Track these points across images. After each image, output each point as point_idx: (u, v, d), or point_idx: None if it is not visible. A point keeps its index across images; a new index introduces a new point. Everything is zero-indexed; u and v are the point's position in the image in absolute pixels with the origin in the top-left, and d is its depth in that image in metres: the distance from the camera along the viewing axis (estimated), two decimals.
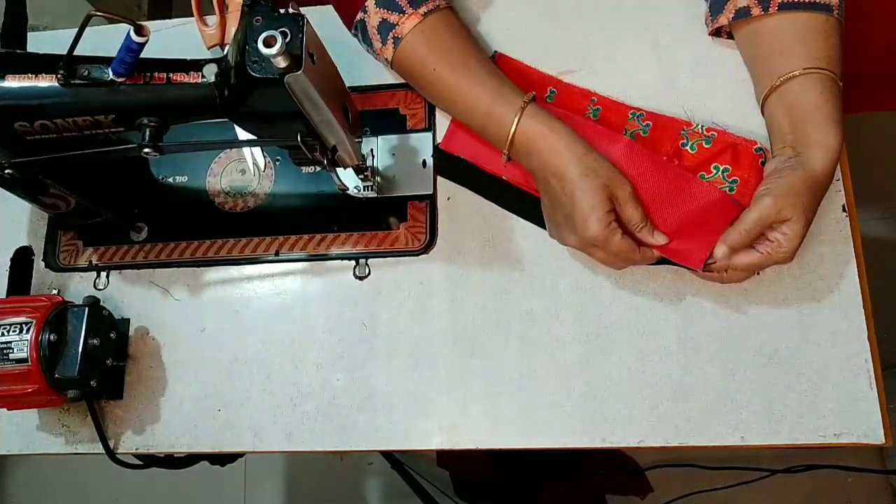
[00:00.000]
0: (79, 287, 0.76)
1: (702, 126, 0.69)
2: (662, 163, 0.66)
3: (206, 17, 0.75)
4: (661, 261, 0.65)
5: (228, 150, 0.78)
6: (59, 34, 0.86)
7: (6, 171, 0.62)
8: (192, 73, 0.58)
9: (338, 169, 0.67)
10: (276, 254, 0.73)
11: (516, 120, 0.63)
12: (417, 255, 0.71)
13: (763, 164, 0.66)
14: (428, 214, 0.73)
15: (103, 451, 0.70)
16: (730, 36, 0.70)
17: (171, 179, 0.79)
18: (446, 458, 1.49)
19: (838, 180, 0.67)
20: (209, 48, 0.76)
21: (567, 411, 0.65)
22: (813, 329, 0.64)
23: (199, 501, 1.63)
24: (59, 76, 0.57)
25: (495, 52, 0.75)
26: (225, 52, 0.59)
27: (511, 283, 0.69)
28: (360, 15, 0.68)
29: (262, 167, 0.76)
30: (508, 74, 0.69)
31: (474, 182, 0.72)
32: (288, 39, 0.51)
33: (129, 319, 0.74)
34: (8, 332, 0.64)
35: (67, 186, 0.69)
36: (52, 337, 0.64)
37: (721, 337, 0.65)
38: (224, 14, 0.75)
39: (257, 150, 0.77)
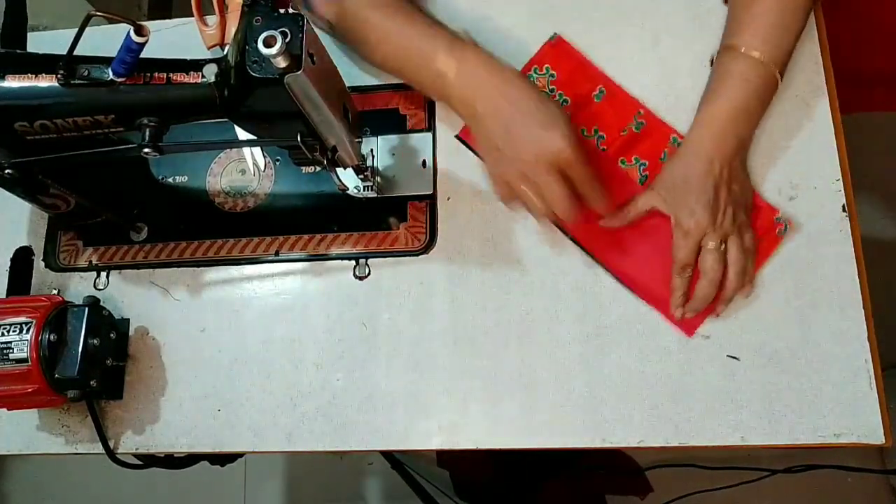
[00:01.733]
0: (79, 287, 0.76)
1: None
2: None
3: (206, 17, 0.75)
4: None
5: (228, 150, 0.78)
6: (59, 34, 0.86)
7: (6, 171, 0.62)
8: (192, 73, 0.58)
9: (338, 169, 0.67)
10: (276, 254, 0.73)
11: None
12: (417, 255, 0.71)
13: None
14: (428, 214, 0.72)
15: (103, 452, 0.70)
16: None
17: (171, 179, 0.79)
18: (446, 458, 1.49)
19: (838, 180, 0.67)
20: (209, 48, 0.76)
21: (567, 411, 0.65)
22: (813, 329, 0.64)
23: (199, 501, 1.63)
24: (59, 76, 0.57)
25: (555, 34, 0.74)
26: (225, 52, 0.59)
27: (511, 283, 0.69)
28: None
29: (262, 167, 0.76)
30: (563, 60, 0.69)
31: None
32: (288, 39, 0.51)
33: (129, 319, 0.74)
34: (8, 332, 0.64)
35: (67, 186, 0.69)
36: (52, 337, 0.64)
37: (721, 337, 0.65)
38: (224, 14, 0.75)
39: (257, 150, 0.77)
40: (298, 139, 0.59)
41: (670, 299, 0.66)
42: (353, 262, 0.72)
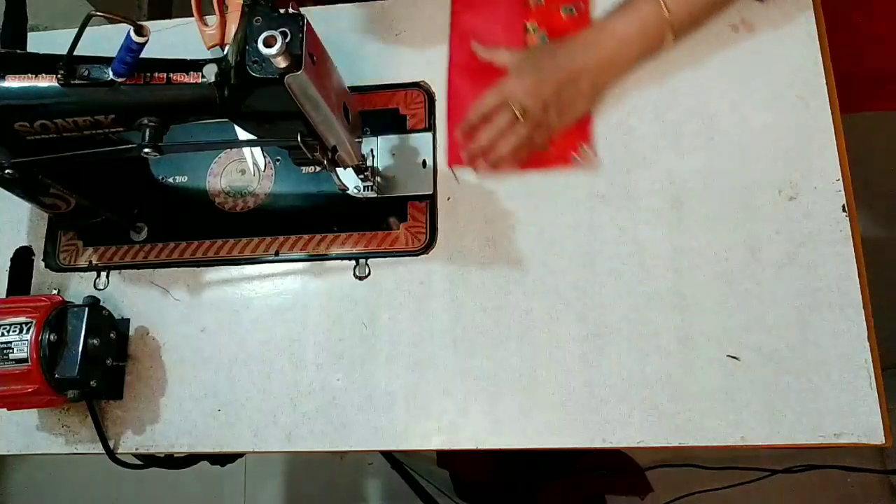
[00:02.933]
0: (79, 287, 0.76)
1: None
2: None
3: (206, 17, 0.75)
4: (659, 259, 0.65)
5: (228, 150, 0.78)
6: (59, 34, 0.86)
7: (6, 172, 0.62)
8: (192, 73, 0.58)
9: (338, 169, 0.68)
10: (276, 254, 0.73)
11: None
12: (417, 255, 0.71)
13: None
14: (428, 214, 0.73)
15: (103, 452, 0.70)
16: None
17: (171, 179, 0.79)
18: (446, 458, 1.49)
19: (838, 180, 0.67)
20: (209, 48, 0.76)
21: (567, 411, 0.65)
22: (813, 329, 0.64)
23: (199, 501, 1.63)
24: (59, 76, 0.57)
25: None
26: (225, 52, 0.59)
27: (511, 283, 0.69)
28: None
29: (262, 167, 0.76)
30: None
31: None
32: (288, 39, 0.51)
33: (129, 319, 0.74)
34: (8, 332, 0.64)
35: (67, 186, 0.69)
36: (52, 337, 0.64)
37: (721, 337, 0.65)
38: (224, 14, 0.75)
39: (257, 150, 0.77)
40: (298, 139, 0.59)
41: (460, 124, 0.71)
42: (353, 262, 0.72)
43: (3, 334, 0.64)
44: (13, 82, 0.58)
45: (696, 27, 0.71)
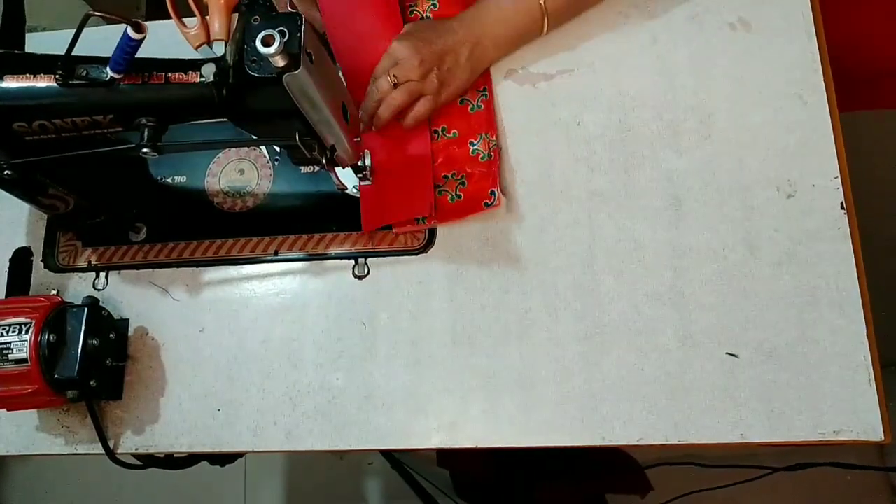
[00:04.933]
0: (78, 287, 0.76)
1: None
2: None
3: (185, 18, 0.76)
4: (658, 257, 0.65)
5: (227, 149, 0.78)
6: (58, 35, 0.87)
7: (5, 172, 0.62)
8: (190, 72, 0.58)
9: (336, 168, 0.68)
10: (275, 253, 0.73)
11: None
12: (416, 254, 0.71)
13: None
14: None
15: (103, 452, 0.70)
16: None
17: (169, 179, 0.79)
18: (446, 458, 1.49)
19: (837, 178, 0.67)
20: (196, 48, 0.76)
21: (566, 410, 0.65)
22: (812, 327, 0.64)
23: (199, 501, 1.63)
24: (57, 76, 0.57)
25: None
26: (214, 50, 0.59)
27: (510, 283, 0.69)
28: None
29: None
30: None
31: None
32: (286, 38, 0.51)
33: (128, 320, 0.74)
34: (7, 332, 0.64)
35: (66, 187, 0.69)
36: (51, 337, 0.64)
37: (720, 335, 0.65)
38: (202, 13, 0.76)
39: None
40: (297, 138, 0.59)
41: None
42: (352, 262, 0.72)
43: (2, 335, 0.64)
44: (11, 83, 0.58)
45: (572, 16, 0.74)
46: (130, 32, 0.53)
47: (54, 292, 0.74)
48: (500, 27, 0.72)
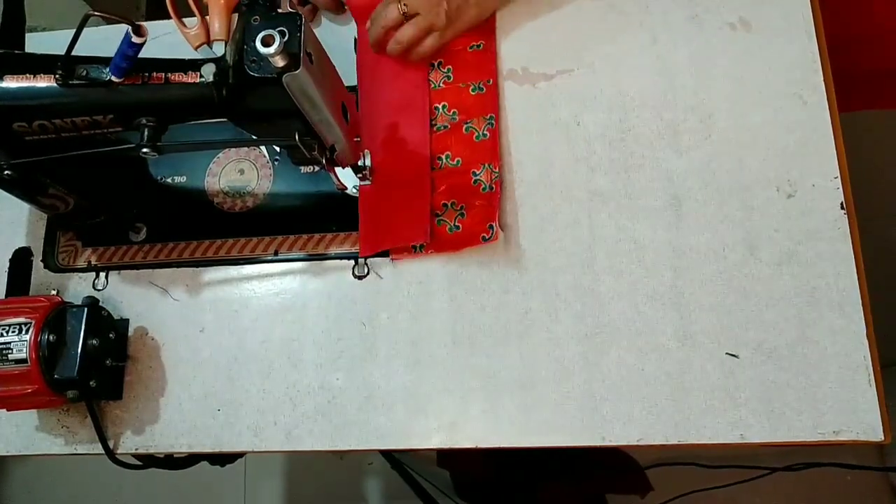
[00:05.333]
0: (78, 287, 0.76)
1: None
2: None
3: (185, 19, 0.76)
4: (657, 257, 0.66)
5: (227, 150, 0.78)
6: (58, 35, 0.86)
7: (5, 172, 0.62)
8: (190, 72, 0.58)
9: (336, 168, 0.68)
10: (275, 253, 0.73)
11: None
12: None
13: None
14: None
15: (103, 452, 0.70)
16: None
17: (169, 179, 0.79)
18: (446, 458, 1.49)
19: (836, 178, 0.67)
20: (196, 48, 0.76)
21: (566, 410, 0.65)
22: (812, 327, 0.64)
23: (199, 502, 1.63)
24: (57, 76, 0.57)
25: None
26: (214, 51, 0.59)
27: (510, 283, 0.69)
28: None
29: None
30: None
31: None
32: (286, 38, 0.51)
33: (128, 320, 0.74)
34: (7, 332, 0.64)
35: (66, 187, 0.69)
36: (51, 337, 0.64)
37: (720, 335, 0.65)
38: (202, 13, 0.76)
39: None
40: (297, 138, 0.59)
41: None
42: (351, 262, 0.72)
43: (2, 335, 0.64)
44: (11, 83, 0.58)
45: None
46: (131, 35, 0.53)
47: (54, 292, 0.74)
48: None
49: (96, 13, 0.52)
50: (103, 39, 0.59)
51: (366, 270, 0.72)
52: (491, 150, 0.71)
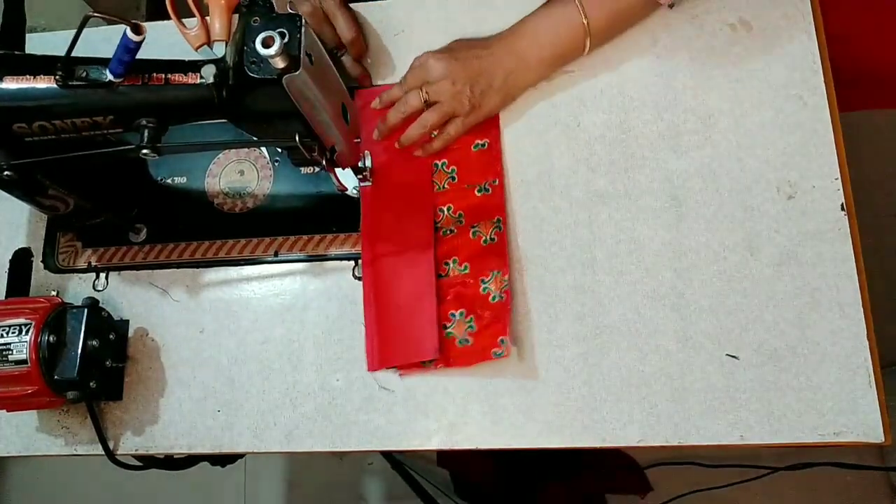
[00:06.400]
0: (78, 288, 0.76)
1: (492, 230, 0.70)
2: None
3: (185, 20, 0.76)
4: (658, 258, 0.65)
5: (227, 150, 0.78)
6: (58, 35, 0.86)
7: (5, 173, 0.62)
8: (190, 73, 0.58)
9: (336, 169, 0.68)
10: (275, 254, 0.73)
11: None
12: None
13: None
14: None
15: (103, 453, 0.70)
16: None
17: (169, 180, 0.78)
18: (446, 458, 1.49)
19: (837, 179, 0.67)
20: (196, 49, 0.76)
21: (566, 411, 0.65)
22: (812, 328, 0.64)
23: (199, 502, 1.63)
24: (57, 77, 0.57)
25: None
26: (214, 51, 0.59)
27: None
28: None
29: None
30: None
31: None
32: (286, 40, 0.51)
33: (128, 320, 0.74)
34: (7, 333, 0.64)
35: (66, 188, 0.69)
36: (51, 338, 0.64)
37: (720, 336, 0.65)
38: (202, 13, 0.76)
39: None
40: (297, 140, 0.59)
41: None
42: (352, 263, 0.72)
43: (2, 336, 0.64)
44: (11, 83, 0.58)
45: (615, 34, 0.72)
46: (130, 34, 0.53)
47: (54, 293, 0.74)
48: (539, 49, 0.69)
49: (96, 14, 0.52)
50: (104, 40, 0.59)
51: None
52: (499, 256, 0.68)
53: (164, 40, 0.78)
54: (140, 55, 0.56)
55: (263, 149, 0.78)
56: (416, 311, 0.68)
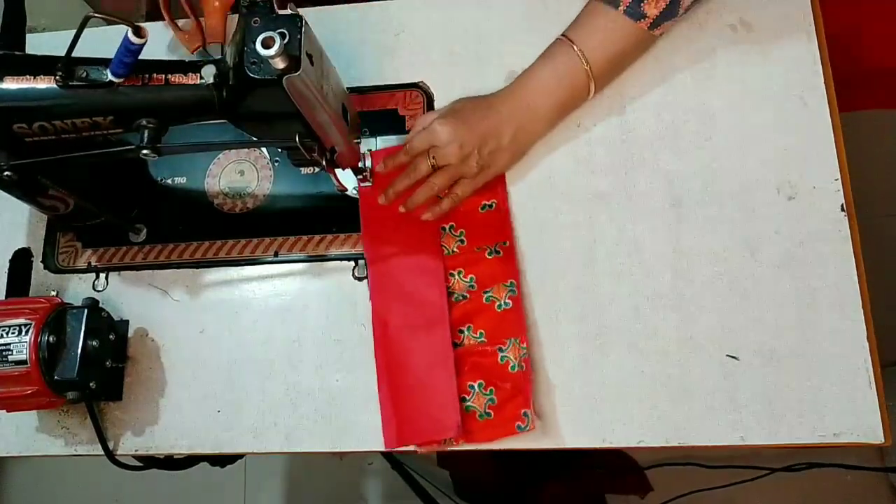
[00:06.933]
0: (78, 288, 0.76)
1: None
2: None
3: (179, 21, 0.76)
4: (658, 259, 0.65)
5: (227, 151, 0.78)
6: (58, 35, 0.86)
7: (5, 173, 0.62)
8: (190, 74, 0.58)
9: (336, 170, 0.68)
10: (275, 255, 0.73)
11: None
12: None
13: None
14: None
15: (103, 453, 0.70)
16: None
17: (169, 181, 0.78)
18: (446, 459, 1.49)
19: (837, 179, 0.67)
20: (192, 51, 0.76)
21: (566, 411, 0.65)
22: (812, 328, 0.64)
23: (199, 502, 1.63)
24: (57, 78, 0.57)
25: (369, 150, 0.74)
26: (210, 53, 0.59)
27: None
28: None
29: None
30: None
31: None
32: (286, 41, 0.51)
33: (128, 321, 0.74)
34: (7, 333, 0.64)
35: (66, 188, 0.69)
36: (51, 339, 0.64)
37: (720, 337, 0.65)
38: (196, 15, 0.76)
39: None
40: (297, 140, 0.59)
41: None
42: (352, 263, 0.72)
43: (2, 336, 0.64)
44: (12, 84, 0.58)
45: (617, 74, 0.71)
46: (131, 37, 0.53)
47: (54, 293, 0.74)
48: (546, 97, 0.68)
49: (96, 14, 0.52)
50: (104, 40, 0.58)
51: (366, 272, 0.72)
52: (515, 322, 0.66)
53: (164, 40, 0.78)
54: (140, 55, 0.56)
55: (263, 149, 0.78)
56: (434, 383, 0.65)
